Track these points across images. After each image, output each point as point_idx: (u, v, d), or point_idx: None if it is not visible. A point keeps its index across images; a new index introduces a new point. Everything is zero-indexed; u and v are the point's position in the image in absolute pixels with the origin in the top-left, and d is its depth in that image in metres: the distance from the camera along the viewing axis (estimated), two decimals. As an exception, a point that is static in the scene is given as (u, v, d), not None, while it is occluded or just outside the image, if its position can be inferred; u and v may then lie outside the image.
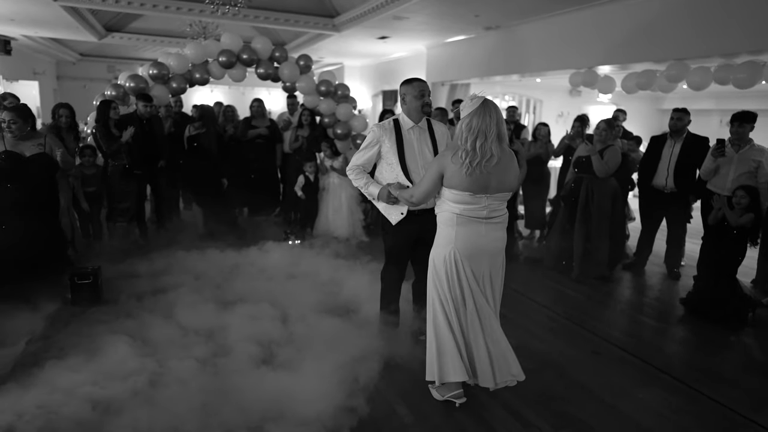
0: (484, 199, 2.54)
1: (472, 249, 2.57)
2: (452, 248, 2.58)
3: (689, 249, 5.38)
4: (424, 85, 3.08)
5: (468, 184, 2.48)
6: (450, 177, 2.50)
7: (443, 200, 2.61)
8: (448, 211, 2.58)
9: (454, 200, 2.53)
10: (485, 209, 2.56)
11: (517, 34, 7.97)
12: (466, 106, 2.52)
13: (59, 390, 2.70)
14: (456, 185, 2.49)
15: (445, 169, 2.50)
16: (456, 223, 2.57)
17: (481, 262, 2.61)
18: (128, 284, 4.36)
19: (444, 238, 2.62)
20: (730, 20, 5.09)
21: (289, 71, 6.62)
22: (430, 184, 2.59)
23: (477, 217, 2.56)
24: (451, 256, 2.58)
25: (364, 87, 13.49)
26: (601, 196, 4.94)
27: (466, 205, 2.53)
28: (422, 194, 2.64)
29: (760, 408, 2.89)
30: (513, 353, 2.72)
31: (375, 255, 5.14)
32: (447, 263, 2.60)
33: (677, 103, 5.34)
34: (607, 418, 2.75)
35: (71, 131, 5.18)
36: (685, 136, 5.02)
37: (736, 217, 4.06)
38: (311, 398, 2.67)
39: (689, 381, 3.16)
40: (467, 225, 2.57)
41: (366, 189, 3.10)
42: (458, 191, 2.50)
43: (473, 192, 2.50)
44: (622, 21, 6.23)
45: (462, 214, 2.54)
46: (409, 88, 3.06)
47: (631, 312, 4.42)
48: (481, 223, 2.58)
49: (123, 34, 10.79)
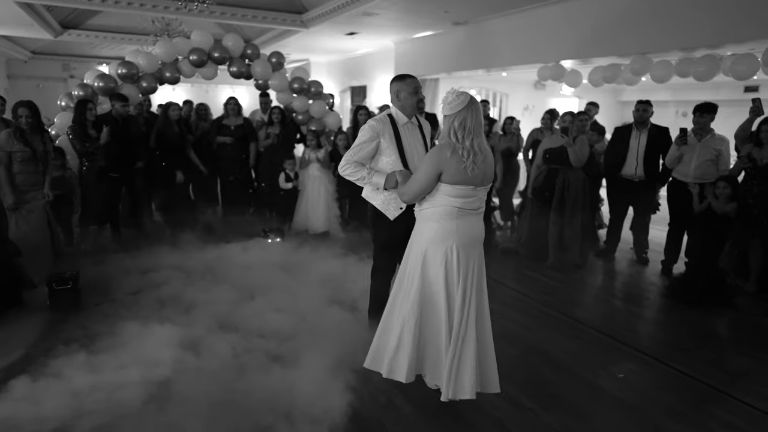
0: (480, 192, 2.63)
1: (469, 240, 2.64)
2: (453, 242, 2.60)
3: (654, 235, 5.65)
4: (417, 82, 3.11)
5: (471, 178, 2.55)
6: (453, 174, 2.54)
7: (439, 195, 2.63)
8: (447, 205, 2.62)
9: (456, 195, 2.59)
10: (478, 201, 2.65)
11: (485, 29, 8.11)
12: (453, 103, 2.55)
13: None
14: (459, 181, 2.55)
15: (445, 167, 2.54)
16: (456, 216, 2.62)
17: (473, 253, 2.69)
18: (108, 287, 4.27)
19: (443, 232, 2.63)
20: (690, 16, 5.34)
21: (261, 69, 6.55)
22: (426, 182, 2.61)
23: (471, 209, 2.64)
24: (453, 250, 2.60)
25: (331, 83, 13.42)
26: (576, 187, 5.14)
27: (467, 198, 2.60)
28: (419, 191, 2.67)
29: (734, 382, 3.09)
30: (495, 360, 2.70)
31: (354, 250, 5.20)
32: (448, 257, 2.61)
33: (637, 95, 5.60)
34: (593, 397, 2.89)
35: (36, 132, 4.91)
36: (649, 127, 5.26)
37: (722, 206, 4.28)
38: (311, 394, 2.70)
39: (666, 359, 3.34)
40: (465, 217, 2.64)
41: (369, 180, 3.03)
42: (462, 186, 2.56)
43: (475, 185, 2.58)
44: (588, 16, 6.44)
45: (462, 207, 2.61)
46: (403, 85, 3.07)
47: (606, 296, 4.62)
48: (473, 215, 2.66)
49: (80, 31, 10.39)
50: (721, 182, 4.28)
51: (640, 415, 2.73)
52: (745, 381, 3.11)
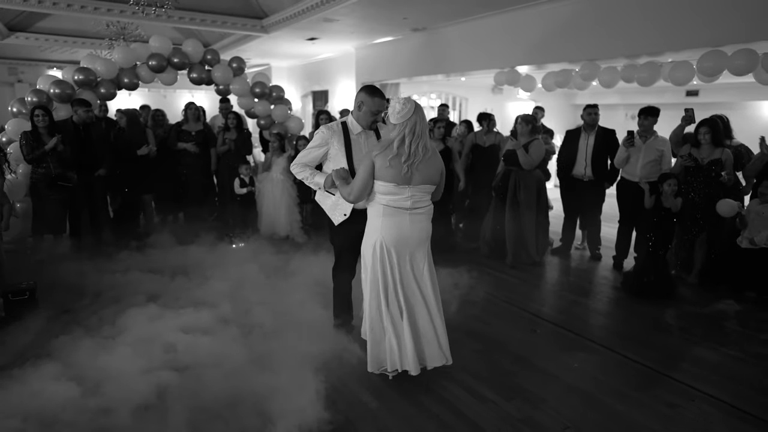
0: (412, 191, 2.78)
1: (398, 239, 2.81)
2: (379, 237, 2.81)
3: (606, 232, 5.95)
4: (383, 104, 3.17)
5: (395, 176, 2.71)
6: (379, 169, 2.72)
7: (373, 194, 2.82)
8: (376, 203, 2.81)
9: (382, 192, 2.77)
10: (409, 200, 2.80)
11: (443, 35, 8.33)
12: (401, 111, 2.69)
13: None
14: (383, 177, 2.72)
15: (376, 163, 2.72)
16: (383, 213, 2.80)
17: (404, 251, 2.85)
18: (66, 297, 4.18)
19: (371, 229, 2.86)
20: (634, 25, 5.68)
21: (221, 74, 6.54)
22: (362, 180, 2.78)
23: (401, 207, 2.79)
24: (377, 245, 2.81)
25: (292, 87, 13.41)
26: (527, 188, 5.37)
27: (393, 196, 2.77)
28: (358, 190, 2.81)
29: (674, 365, 3.33)
30: (446, 337, 2.97)
31: (315, 252, 5.27)
32: (374, 251, 2.82)
33: (588, 99, 5.89)
34: (550, 385, 3.06)
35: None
36: (596, 129, 5.55)
37: (673, 201, 4.56)
38: (279, 395, 2.76)
39: (616, 348, 3.57)
40: (395, 216, 2.80)
41: (312, 179, 3.18)
42: (385, 183, 2.73)
43: (399, 183, 2.74)
44: (538, 24, 6.73)
45: (389, 205, 2.77)
46: (368, 101, 3.13)
47: (562, 292, 4.85)
48: (405, 214, 2.81)
49: (29, 34, 10.03)
50: (672, 179, 4.56)
51: (593, 399, 2.92)
52: (686, 364, 3.35)
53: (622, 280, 4.91)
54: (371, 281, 2.90)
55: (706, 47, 5.05)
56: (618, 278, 5.10)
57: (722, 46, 4.95)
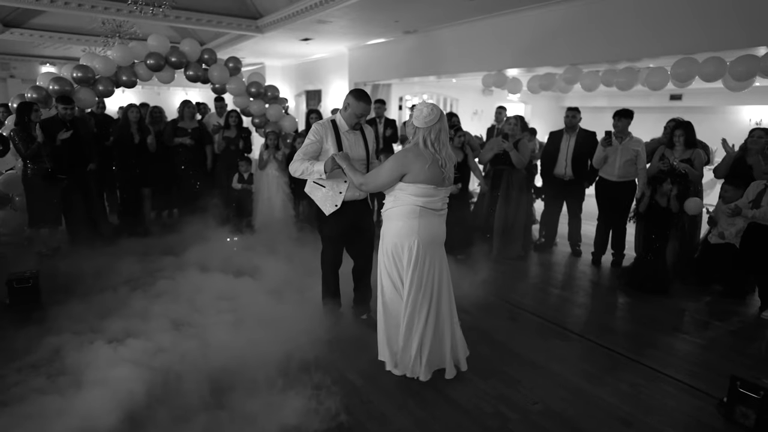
0: (442, 192, 2.95)
1: (430, 239, 2.95)
2: (416, 237, 2.89)
3: (586, 230, 6.20)
4: (367, 110, 3.41)
5: (432, 178, 2.84)
6: (417, 173, 2.82)
7: (403, 195, 2.90)
8: (411, 204, 2.89)
9: (418, 194, 2.86)
10: (440, 201, 2.97)
11: (434, 38, 8.56)
12: (427, 117, 2.81)
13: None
14: (422, 180, 2.83)
15: (409, 168, 2.83)
16: (419, 215, 2.90)
17: (435, 252, 3.01)
18: (67, 287, 4.36)
19: (407, 230, 2.90)
20: (614, 31, 5.94)
21: (218, 73, 6.72)
22: (388, 178, 2.90)
23: (433, 209, 2.94)
24: (415, 245, 2.89)
25: (286, 87, 13.57)
26: (518, 187, 5.64)
27: (429, 198, 2.89)
28: (380, 184, 2.95)
29: (642, 351, 3.59)
30: (463, 340, 3.20)
31: (310, 246, 5.46)
32: (411, 252, 2.90)
33: (576, 101, 6.14)
34: (523, 367, 3.31)
35: None
36: (577, 131, 5.81)
37: (675, 203, 4.81)
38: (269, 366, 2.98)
39: (587, 335, 3.83)
40: (427, 217, 2.93)
41: (312, 168, 3.30)
42: (424, 185, 2.85)
43: (437, 185, 2.88)
44: (525, 29, 6.98)
45: (424, 206, 2.90)
46: (354, 104, 3.36)
47: (543, 285, 5.09)
48: (435, 215, 2.97)
49: (23, 30, 10.13)
50: (666, 184, 4.83)
51: (562, 379, 3.16)
52: (652, 350, 3.61)
53: (619, 274, 5.18)
54: (415, 283, 2.92)
55: (679, 54, 5.32)
56: (596, 273, 5.37)
57: (694, 53, 5.23)
